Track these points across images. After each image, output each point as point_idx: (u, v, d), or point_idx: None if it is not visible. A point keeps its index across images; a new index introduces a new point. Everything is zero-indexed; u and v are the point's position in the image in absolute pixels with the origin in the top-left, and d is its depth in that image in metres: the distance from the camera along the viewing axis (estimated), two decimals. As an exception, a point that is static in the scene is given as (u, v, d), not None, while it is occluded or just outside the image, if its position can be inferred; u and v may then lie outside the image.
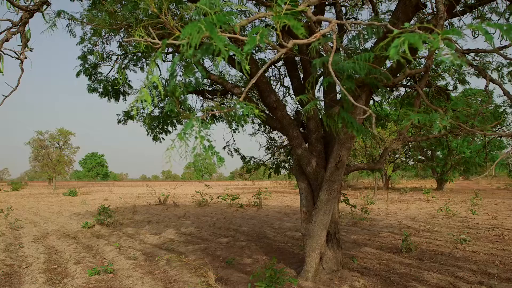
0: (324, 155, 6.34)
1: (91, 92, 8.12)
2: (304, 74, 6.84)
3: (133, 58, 7.81)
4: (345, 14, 7.50)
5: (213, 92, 8.03)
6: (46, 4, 4.79)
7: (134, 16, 5.20)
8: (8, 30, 4.59)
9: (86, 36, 7.51)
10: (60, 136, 62.51)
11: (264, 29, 1.38)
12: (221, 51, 1.30)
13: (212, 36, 1.22)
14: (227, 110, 1.58)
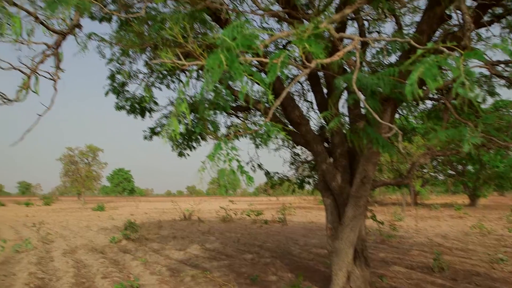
0: (350, 170, 6.23)
1: (119, 110, 8.37)
2: (328, 89, 6.81)
3: (159, 76, 8.03)
4: (367, 28, 7.46)
5: (237, 108, 8.11)
6: (78, 27, 5.03)
7: (160, 36, 5.37)
8: (43, 53, 4.85)
9: (115, 56, 7.80)
10: (89, 152, 64.49)
11: (285, 54, 1.39)
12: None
13: (233, 71, 1.24)
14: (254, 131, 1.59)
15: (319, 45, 1.45)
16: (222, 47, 1.38)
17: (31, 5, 4.99)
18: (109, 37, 7.10)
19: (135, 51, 6.98)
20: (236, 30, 1.43)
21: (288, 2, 4.74)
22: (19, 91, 4.46)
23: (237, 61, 1.31)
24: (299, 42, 1.47)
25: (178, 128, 1.52)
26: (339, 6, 5.32)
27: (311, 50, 1.43)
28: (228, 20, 5.29)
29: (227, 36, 1.39)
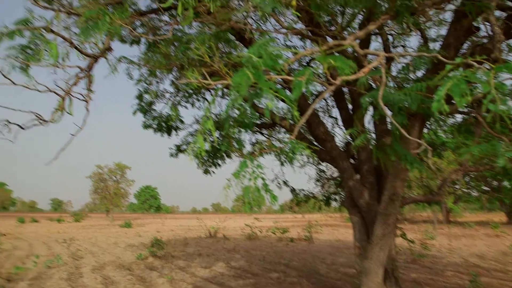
0: (377, 187, 6.08)
1: (146, 128, 8.61)
2: (353, 105, 6.75)
3: (185, 95, 8.22)
4: (392, 42, 7.39)
5: (261, 125, 8.15)
6: (109, 50, 5.26)
7: (186, 56, 5.52)
8: (76, 76, 5.09)
9: (143, 77, 8.08)
10: (118, 170, 66.11)
11: (310, 72, 1.40)
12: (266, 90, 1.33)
13: (260, 86, 1.26)
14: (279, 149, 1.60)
15: (345, 61, 1.45)
16: (248, 64, 1.40)
17: (66, 31, 5.28)
18: (137, 59, 7.37)
19: (162, 71, 7.20)
20: (262, 49, 1.46)
21: (311, 20, 4.79)
22: (54, 112, 4.68)
23: (263, 77, 1.33)
24: (323, 59, 1.48)
25: (203, 145, 1.55)
26: (362, 22, 5.31)
27: (337, 65, 1.43)
28: (252, 39, 5.38)
29: (253, 54, 1.41)
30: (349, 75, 1.48)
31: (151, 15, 6.11)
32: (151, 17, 6.24)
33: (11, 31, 4.68)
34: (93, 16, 4.17)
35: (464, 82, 1.19)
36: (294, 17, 4.27)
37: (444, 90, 1.20)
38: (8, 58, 4.96)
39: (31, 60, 5.00)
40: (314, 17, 4.69)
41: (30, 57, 5.08)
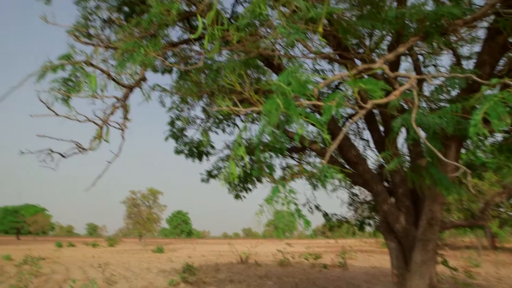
0: (414, 211, 5.83)
1: (178, 154, 8.81)
2: (385, 127, 6.62)
3: (215, 121, 8.40)
4: (423, 62, 7.25)
5: (292, 149, 8.13)
6: (143, 80, 5.51)
7: (216, 84, 5.68)
8: (113, 105, 5.34)
9: (174, 104, 8.36)
10: (150, 195, 67.37)
11: (340, 95, 1.40)
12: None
13: (291, 114, 1.28)
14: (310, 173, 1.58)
15: (376, 84, 1.44)
16: (278, 92, 1.43)
17: (104, 63, 5.59)
18: (169, 87, 7.65)
19: (193, 98, 7.42)
20: (291, 76, 1.48)
21: (339, 44, 4.81)
22: (92, 141, 4.91)
23: (293, 104, 1.34)
24: (353, 84, 1.48)
25: (235, 172, 1.56)
26: (391, 44, 5.28)
27: (368, 87, 1.42)
28: (280, 65, 5.47)
29: (282, 82, 1.44)
30: (380, 98, 1.46)
31: (182, 45, 6.38)
32: (182, 47, 6.51)
33: (55, 66, 5.02)
34: (129, 49, 4.41)
35: (501, 105, 1.14)
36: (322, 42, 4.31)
37: (481, 114, 1.16)
38: (52, 90, 5.30)
39: (72, 91, 5.31)
40: (341, 41, 4.72)
41: (71, 89, 5.40)
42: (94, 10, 7.04)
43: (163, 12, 3.83)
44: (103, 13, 7.06)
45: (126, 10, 6.90)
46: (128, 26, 5.30)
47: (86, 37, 6.34)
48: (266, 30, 4.72)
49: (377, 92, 1.43)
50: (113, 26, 7.01)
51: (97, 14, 7.08)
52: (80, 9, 6.95)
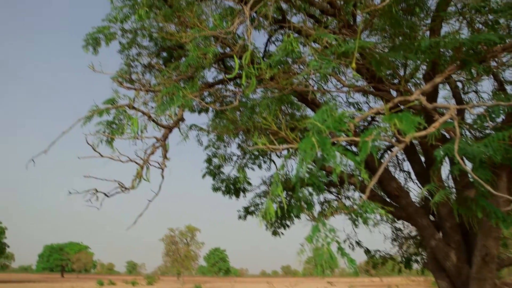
0: (466, 247, 5.44)
1: (215, 191, 8.91)
2: (426, 157, 6.36)
3: (251, 157, 8.47)
4: (462, 89, 7.02)
5: (329, 183, 7.99)
6: (181, 120, 5.73)
7: (252, 121, 5.79)
8: (153, 145, 5.57)
9: (211, 142, 8.57)
10: (188, 232, 67.66)
11: (377, 131, 1.39)
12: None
13: (326, 154, 1.28)
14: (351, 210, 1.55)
15: (411, 120, 1.42)
16: (313, 130, 1.44)
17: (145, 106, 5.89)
18: (206, 126, 7.88)
19: (229, 136, 7.58)
20: (326, 113, 1.49)
21: (372, 76, 4.80)
22: (133, 180, 5.10)
23: (329, 143, 1.34)
24: (389, 119, 1.46)
25: (273, 211, 1.56)
26: (426, 72, 5.20)
27: (402, 127, 1.40)
28: (314, 99, 5.51)
29: (317, 120, 1.45)
30: (418, 132, 1.43)
31: (217, 85, 6.63)
32: (217, 87, 6.76)
33: (100, 110, 5.36)
34: (168, 92, 4.65)
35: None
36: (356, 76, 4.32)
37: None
38: (97, 133, 5.64)
39: (115, 133, 5.61)
40: (375, 73, 4.71)
41: (115, 131, 5.72)
42: (135, 57, 7.55)
43: (200, 56, 4.04)
44: (143, 59, 7.56)
45: (165, 56, 7.34)
46: (167, 70, 5.62)
47: (129, 82, 6.76)
48: (298, 66, 4.82)
49: (412, 131, 1.40)
50: (153, 70, 7.45)
51: (138, 60, 7.57)
52: (123, 57, 7.49)
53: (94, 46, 6.79)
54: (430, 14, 5.83)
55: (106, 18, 6.84)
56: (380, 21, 5.12)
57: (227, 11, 6.12)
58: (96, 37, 6.76)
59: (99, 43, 6.83)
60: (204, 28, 4.11)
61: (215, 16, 4.59)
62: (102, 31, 6.76)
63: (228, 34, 3.96)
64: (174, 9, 5.75)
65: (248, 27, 3.87)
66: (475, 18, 5.08)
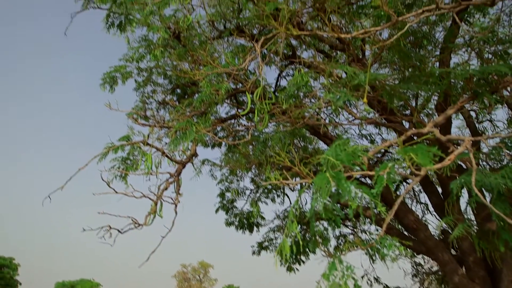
0: (491, 282, 5.16)
1: (228, 226, 8.79)
2: (443, 188, 6.22)
3: (265, 191, 8.41)
4: (475, 118, 6.94)
5: (345, 217, 7.82)
6: (194, 156, 5.78)
7: (264, 154, 5.80)
8: (166, 181, 5.59)
9: (224, 176, 8.57)
10: (201, 268, 66.10)
11: (391, 165, 1.38)
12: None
13: (340, 189, 1.28)
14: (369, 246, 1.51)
15: (427, 153, 1.41)
16: (327, 165, 1.44)
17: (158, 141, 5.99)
18: (219, 160, 7.91)
19: (242, 170, 7.58)
20: (339, 148, 1.50)
21: (384, 108, 4.82)
22: (147, 216, 5.09)
23: (343, 178, 1.34)
24: (404, 152, 1.45)
25: (288, 249, 1.53)
26: (438, 103, 5.19)
27: (418, 161, 1.39)
28: (326, 133, 5.52)
29: (331, 155, 1.45)
30: (433, 164, 1.41)
31: (230, 120, 6.73)
32: (230, 122, 6.86)
33: (115, 147, 5.47)
34: (182, 127, 4.73)
35: None
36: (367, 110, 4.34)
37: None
38: (112, 169, 5.72)
39: (130, 169, 5.68)
40: (386, 105, 4.72)
41: (129, 167, 5.79)
42: (150, 94, 7.77)
43: (212, 92, 4.14)
44: (158, 96, 7.77)
45: (178, 92, 7.53)
46: (180, 106, 5.75)
47: (143, 119, 6.93)
48: (310, 100, 4.88)
49: (428, 164, 1.39)
50: (167, 107, 7.64)
51: (153, 97, 7.79)
52: (139, 94, 7.72)
53: (111, 84, 7.05)
54: (438, 46, 5.91)
55: (123, 58, 7.14)
56: (389, 54, 5.20)
57: (238, 48, 6.33)
58: (113, 75, 7.03)
59: (116, 82, 7.08)
60: (216, 65, 4.24)
61: (227, 54, 4.75)
62: (119, 70, 7.03)
63: (240, 71, 4.07)
64: (188, 48, 5.97)
65: (260, 64, 3.98)
66: (484, 48, 5.13)
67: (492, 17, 5.96)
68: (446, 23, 5.59)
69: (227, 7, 6.66)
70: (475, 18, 6.00)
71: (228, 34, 6.23)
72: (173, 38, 6.15)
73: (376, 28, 2.50)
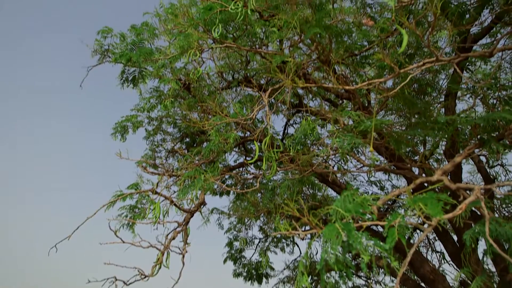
0: None
1: (236, 277, 8.49)
2: (458, 237, 6.01)
3: (274, 240, 8.21)
4: (486, 163, 6.87)
5: (357, 267, 7.53)
6: (203, 204, 5.75)
7: (273, 203, 5.75)
8: (174, 230, 5.52)
9: (232, 225, 8.43)
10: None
11: (401, 215, 1.37)
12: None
13: (351, 240, 1.26)
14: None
15: (437, 202, 1.40)
16: (336, 217, 1.43)
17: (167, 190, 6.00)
18: (227, 209, 7.84)
19: (250, 218, 7.48)
20: (347, 199, 1.50)
21: (392, 155, 4.82)
22: (153, 267, 4.96)
23: (353, 229, 1.32)
24: (413, 203, 1.44)
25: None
26: (446, 149, 5.18)
27: (428, 211, 1.38)
28: (335, 180, 5.49)
29: (339, 206, 1.45)
30: (445, 214, 1.39)
31: (238, 168, 6.75)
32: (239, 170, 6.88)
33: (124, 195, 5.49)
34: (190, 176, 4.76)
35: None
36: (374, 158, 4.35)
37: None
38: (119, 217, 5.69)
39: (137, 218, 5.65)
40: (394, 151, 4.73)
41: (137, 215, 5.76)
42: (160, 142, 7.92)
43: (221, 141, 4.21)
44: (167, 145, 7.91)
45: (187, 141, 7.67)
46: (189, 155, 5.83)
47: (152, 167, 7.00)
48: (318, 148, 4.91)
49: (439, 213, 1.37)
50: (176, 155, 7.73)
51: (162, 146, 7.92)
52: (149, 143, 7.87)
53: (122, 133, 7.23)
54: (442, 93, 6.02)
55: (134, 108, 7.38)
56: (394, 102, 5.30)
57: (246, 98, 6.52)
58: (124, 125, 7.23)
59: (127, 131, 7.27)
60: (225, 115, 4.35)
61: (236, 104, 4.89)
62: (130, 120, 7.24)
63: (248, 120, 4.16)
64: (197, 98, 6.17)
65: (267, 113, 4.07)
66: (488, 95, 5.20)
67: (494, 64, 6.12)
68: (449, 71, 5.73)
69: (236, 59, 6.96)
70: (476, 65, 6.16)
71: (236, 84, 6.46)
72: (183, 89, 6.39)
73: (380, 80, 2.59)
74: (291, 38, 5.11)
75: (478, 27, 4.56)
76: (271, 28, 4.92)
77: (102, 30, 6.03)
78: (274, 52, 4.98)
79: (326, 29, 4.19)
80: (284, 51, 5.43)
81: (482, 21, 4.50)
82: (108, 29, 6.06)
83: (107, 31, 6.05)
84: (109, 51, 6.17)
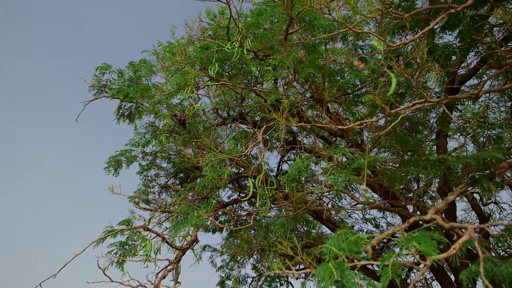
0: None
1: (229, 319, 8.14)
2: (455, 276, 5.91)
3: (267, 279, 7.98)
4: (480, 200, 6.87)
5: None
6: (195, 241, 5.63)
7: (267, 240, 5.65)
8: (165, 268, 5.36)
9: (224, 262, 8.20)
10: None
11: (395, 254, 1.37)
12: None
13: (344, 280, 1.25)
14: None
15: (430, 242, 1.40)
16: (330, 256, 1.42)
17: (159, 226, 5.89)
18: (220, 246, 7.67)
19: (243, 256, 7.31)
20: (341, 238, 1.49)
21: (386, 192, 4.83)
22: (142, 308, 4.76)
23: (347, 269, 1.31)
24: (407, 242, 1.44)
25: None
26: (440, 186, 5.21)
27: (422, 249, 1.37)
28: (329, 217, 5.45)
29: (333, 245, 1.44)
30: (438, 253, 1.39)
31: (232, 205, 6.69)
32: (232, 206, 6.81)
33: (115, 232, 5.37)
34: (183, 212, 4.70)
35: None
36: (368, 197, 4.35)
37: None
38: (108, 254, 5.53)
39: (127, 255, 5.49)
40: (388, 188, 4.74)
41: (127, 252, 5.61)
42: (153, 177, 7.86)
43: (215, 177, 4.20)
44: (161, 180, 7.85)
45: (181, 176, 7.62)
46: (183, 190, 5.78)
47: (145, 203, 6.90)
48: (312, 185, 4.92)
49: (433, 252, 1.37)
50: (170, 190, 7.66)
51: (156, 181, 7.86)
52: (142, 178, 7.81)
53: (115, 168, 7.18)
54: (433, 131, 6.14)
55: (129, 143, 7.39)
56: (387, 139, 5.38)
57: (241, 134, 6.58)
58: (118, 159, 7.20)
59: (120, 166, 7.23)
60: (219, 152, 4.38)
61: (230, 141, 4.93)
62: (124, 154, 7.23)
63: (243, 157, 4.18)
64: (192, 134, 6.22)
65: (262, 150, 4.11)
66: (478, 133, 5.32)
67: (482, 103, 6.30)
68: (439, 109, 5.88)
69: (231, 96, 7.10)
70: (465, 105, 6.34)
71: (231, 121, 6.53)
72: (178, 124, 6.45)
73: (372, 120, 2.65)
74: (286, 77, 5.26)
75: (465, 69, 4.74)
76: (266, 67, 5.08)
77: (101, 66, 6.16)
78: (269, 90, 5.11)
79: (319, 69, 4.34)
80: (279, 90, 5.56)
81: (469, 63, 4.69)
82: (106, 66, 6.20)
83: (105, 67, 6.18)
84: (107, 87, 6.27)
